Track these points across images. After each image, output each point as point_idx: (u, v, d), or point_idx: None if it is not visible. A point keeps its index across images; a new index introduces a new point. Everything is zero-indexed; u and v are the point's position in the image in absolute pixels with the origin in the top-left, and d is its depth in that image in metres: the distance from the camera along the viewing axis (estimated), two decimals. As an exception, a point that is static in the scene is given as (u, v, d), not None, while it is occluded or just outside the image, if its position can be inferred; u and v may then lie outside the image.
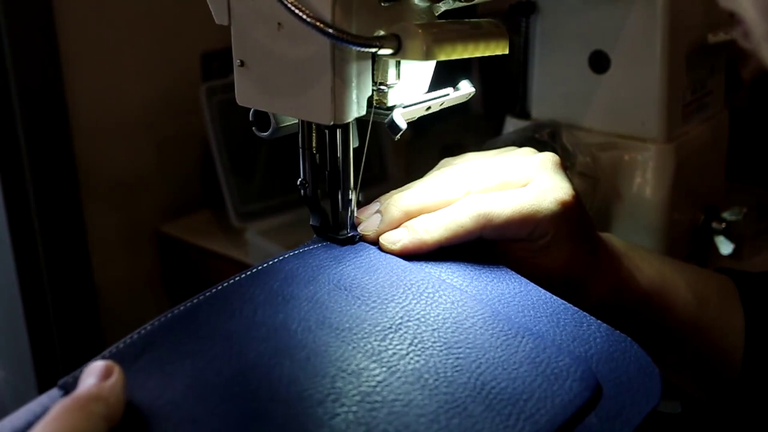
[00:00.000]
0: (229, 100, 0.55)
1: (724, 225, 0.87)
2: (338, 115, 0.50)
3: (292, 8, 0.46)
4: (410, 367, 0.42)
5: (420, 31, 0.49)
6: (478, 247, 0.55)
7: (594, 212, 0.56)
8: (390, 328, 0.45)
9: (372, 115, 0.53)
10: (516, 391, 0.41)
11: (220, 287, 0.48)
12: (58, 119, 1.27)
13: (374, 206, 0.56)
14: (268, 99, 0.53)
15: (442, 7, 0.54)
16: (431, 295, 0.49)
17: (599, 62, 0.84)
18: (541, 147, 0.80)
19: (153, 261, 1.47)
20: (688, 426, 0.78)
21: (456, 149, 0.60)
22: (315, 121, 0.53)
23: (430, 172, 0.58)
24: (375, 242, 0.54)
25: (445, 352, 0.44)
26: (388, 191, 0.57)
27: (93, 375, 0.39)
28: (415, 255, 0.53)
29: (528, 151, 0.58)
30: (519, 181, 0.54)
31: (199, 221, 1.44)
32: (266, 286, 0.48)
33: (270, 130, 0.55)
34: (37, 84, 1.23)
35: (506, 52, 0.55)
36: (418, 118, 0.56)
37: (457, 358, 0.43)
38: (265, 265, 0.51)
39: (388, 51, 0.50)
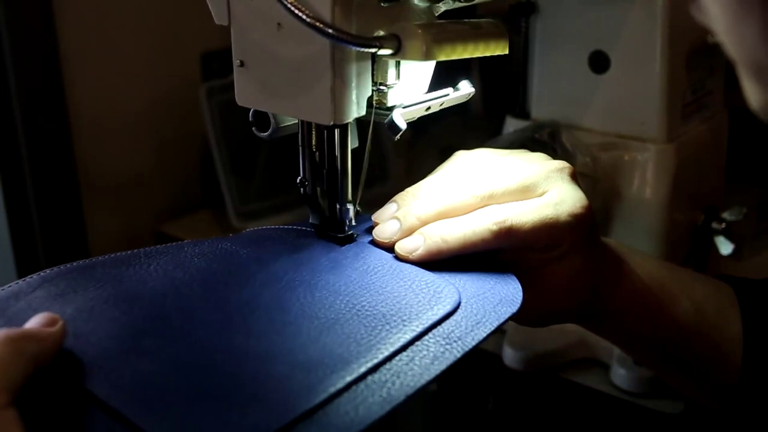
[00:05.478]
0: (229, 100, 0.55)
1: (724, 225, 0.87)
2: (338, 116, 0.50)
3: (292, 8, 0.46)
4: (304, 307, 0.47)
5: (420, 31, 0.49)
6: None
7: (594, 212, 0.56)
8: (285, 284, 0.49)
9: (372, 115, 0.53)
10: (385, 309, 0.47)
11: (128, 252, 0.53)
12: (58, 119, 1.27)
13: (390, 208, 0.55)
14: (267, 99, 0.53)
15: (442, 7, 0.54)
16: (342, 261, 0.52)
17: (599, 62, 0.84)
18: (540, 147, 0.81)
19: (153, 261, 1.46)
20: (690, 426, 0.78)
21: (456, 149, 0.59)
22: (315, 121, 0.53)
23: (444, 164, 0.57)
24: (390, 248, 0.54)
25: (340, 298, 0.48)
26: (388, 191, 0.57)
27: (36, 321, 0.40)
28: None
29: (542, 157, 0.57)
30: (537, 189, 0.54)
31: (199, 221, 1.44)
32: (171, 250, 0.53)
33: (270, 130, 0.55)
34: (37, 84, 1.23)
35: (506, 52, 0.55)
36: (418, 119, 0.56)
37: (346, 296, 0.48)
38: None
39: (388, 51, 0.50)
